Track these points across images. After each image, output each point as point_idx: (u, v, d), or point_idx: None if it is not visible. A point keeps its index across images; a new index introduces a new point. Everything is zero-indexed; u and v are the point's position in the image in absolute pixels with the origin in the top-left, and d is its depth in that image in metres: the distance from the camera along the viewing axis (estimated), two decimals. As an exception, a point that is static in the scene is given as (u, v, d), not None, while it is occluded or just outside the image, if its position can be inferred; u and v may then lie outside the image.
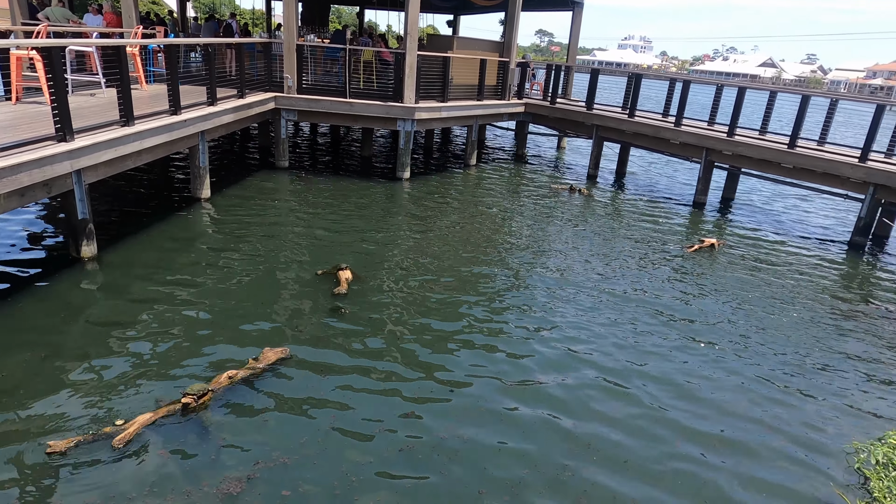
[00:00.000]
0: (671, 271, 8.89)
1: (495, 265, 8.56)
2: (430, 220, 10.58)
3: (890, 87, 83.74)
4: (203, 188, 10.44)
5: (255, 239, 8.80)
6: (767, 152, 11.97)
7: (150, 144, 8.31)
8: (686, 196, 14.13)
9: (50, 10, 12.20)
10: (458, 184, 13.62)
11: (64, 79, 6.91)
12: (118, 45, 8.09)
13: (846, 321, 7.71)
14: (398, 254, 8.75)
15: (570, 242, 9.90)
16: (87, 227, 7.40)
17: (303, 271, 7.77)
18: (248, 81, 11.96)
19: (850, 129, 18.78)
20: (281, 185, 12.14)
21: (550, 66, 17.44)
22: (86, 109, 8.70)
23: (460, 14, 23.99)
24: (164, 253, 7.99)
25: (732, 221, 12.32)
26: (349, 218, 10.24)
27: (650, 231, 10.93)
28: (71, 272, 7.12)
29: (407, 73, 12.70)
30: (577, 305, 7.41)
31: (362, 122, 13.39)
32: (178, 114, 9.07)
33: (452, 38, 16.96)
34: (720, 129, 13.34)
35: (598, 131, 15.27)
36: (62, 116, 6.69)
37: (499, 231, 10.24)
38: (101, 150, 7.24)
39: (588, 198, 13.16)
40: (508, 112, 16.30)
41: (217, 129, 10.65)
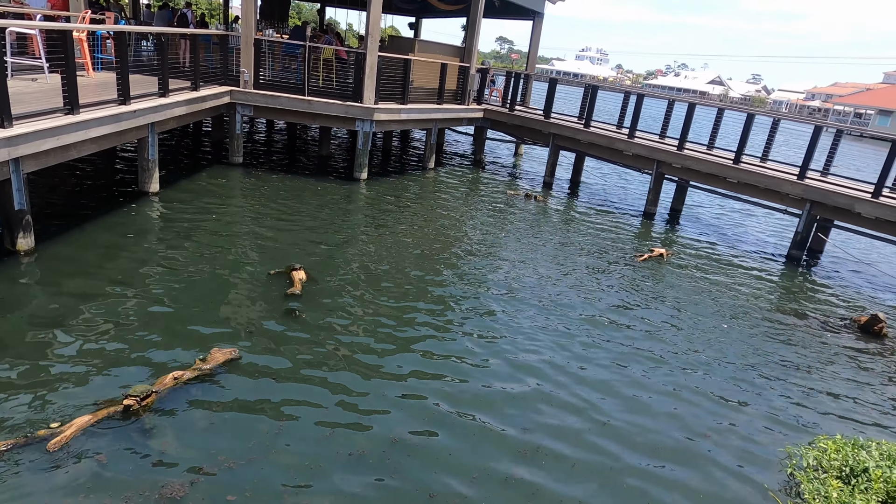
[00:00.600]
0: (621, 280, 9.13)
1: (449, 270, 8.59)
2: (387, 222, 10.54)
3: (827, 109, 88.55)
4: (151, 182, 10.08)
5: (205, 236, 8.55)
6: (714, 167, 12.46)
7: (95, 134, 7.96)
8: (637, 206, 14.55)
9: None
10: (416, 186, 13.61)
11: (3, 61, 6.55)
12: (63, 28, 7.73)
13: (782, 332, 8.09)
14: (353, 255, 8.67)
15: (523, 249, 10.04)
16: (25, 218, 7.03)
17: (255, 271, 7.59)
18: (203, 74, 11.64)
19: (791, 148, 19.75)
20: (234, 181, 11.85)
21: (510, 73, 17.67)
22: (27, 95, 8.27)
23: (422, 17, 24.02)
24: (108, 248, 7.67)
25: (680, 232, 12.76)
26: (304, 218, 10.09)
27: (602, 239, 11.19)
28: (4, 266, 6.75)
29: (367, 74, 12.62)
30: (526, 312, 7.51)
31: (320, 120, 13.22)
32: (126, 104, 8.74)
33: (414, 40, 16.97)
34: (671, 142, 13.80)
35: (554, 140, 15.55)
36: (0, 102, 6.35)
37: (454, 235, 10.28)
38: (41, 139, 6.90)
39: (543, 205, 13.37)
40: (468, 117, 16.41)
41: (168, 122, 10.31)
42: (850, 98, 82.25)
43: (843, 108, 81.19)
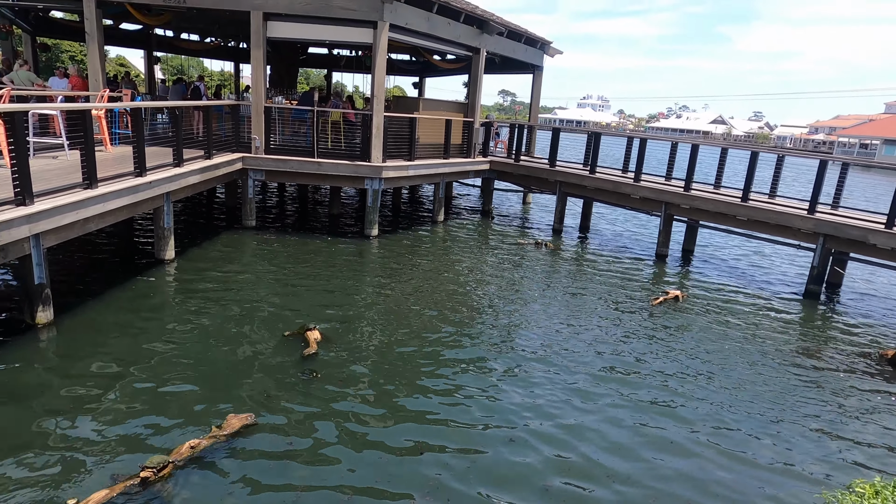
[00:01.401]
0: (637, 327, 9.01)
1: (464, 324, 8.56)
2: (399, 278, 10.59)
3: (832, 142, 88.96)
4: (167, 249, 10.28)
5: (220, 301, 8.64)
6: (722, 206, 12.47)
7: (113, 206, 8.20)
8: (648, 249, 14.51)
9: (15, 73, 12.19)
10: (427, 240, 13.73)
11: (25, 142, 6.84)
12: (82, 108, 8.09)
13: (808, 374, 7.88)
14: (367, 313, 8.68)
15: (537, 299, 10.00)
16: (44, 292, 7.17)
17: (270, 333, 7.62)
18: (216, 143, 12.03)
19: (799, 183, 19.82)
20: (247, 245, 12.04)
21: (514, 125, 18.06)
22: (48, 172, 8.58)
23: (425, 76, 24.80)
24: (125, 318, 7.76)
25: (694, 272, 12.66)
26: (317, 277, 10.18)
27: (615, 284, 11.13)
28: (24, 340, 6.83)
29: (374, 134, 12.97)
30: (542, 371, 7.36)
31: (330, 181, 13.52)
32: (143, 175, 9.02)
33: (418, 99, 17.47)
34: (677, 183, 13.88)
35: (561, 187, 15.72)
36: (22, 180, 6.59)
37: (467, 288, 10.29)
38: (62, 214, 7.11)
39: (554, 252, 13.39)
40: (474, 169, 16.69)
41: (183, 190, 10.60)
42: (854, 130, 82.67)
43: (847, 140, 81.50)
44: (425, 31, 13.92)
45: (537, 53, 19.19)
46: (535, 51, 18.97)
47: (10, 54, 14.54)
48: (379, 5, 12.28)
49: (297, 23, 12.69)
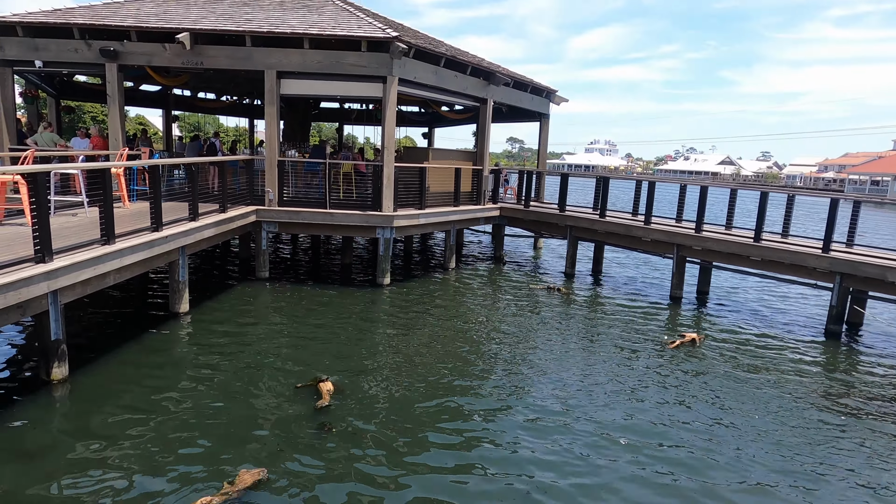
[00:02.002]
0: (656, 371, 8.85)
1: (478, 374, 8.46)
2: (412, 327, 10.55)
3: (842, 179, 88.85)
4: (182, 303, 10.36)
5: (234, 354, 8.64)
6: (735, 246, 12.41)
7: (130, 261, 8.33)
8: (662, 291, 14.39)
9: (38, 135, 12.65)
10: (439, 288, 13.73)
11: (47, 202, 7.03)
12: (101, 167, 8.34)
13: (837, 423, 7.63)
14: (380, 364, 8.62)
15: (551, 346, 9.89)
16: (60, 348, 7.22)
17: (283, 385, 7.57)
18: (231, 196, 12.28)
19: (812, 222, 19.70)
20: (261, 296, 12.12)
21: (522, 171, 18.30)
22: (67, 229, 8.78)
23: (434, 126, 25.36)
24: (139, 372, 7.77)
25: (710, 314, 12.49)
26: (330, 328, 10.17)
27: (631, 328, 11.00)
28: (39, 397, 6.84)
29: (385, 184, 13.19)
30: (562, 417, 7.21)
31: (342, 231, 13.68)
32: (159, 230, 9.19)
33: (428, 149, 17.84)
34: (688, 225, 13.87)
35: (571, 232, 15.77)
36: (42, 238, 6.74)
37: (481, 336, 10.22)
38: (80, 270, 7.23)
39: (567, 297, 13.32)
40: (484, 216, 16.83)
41: (198, 244, 10.77)
42: (864, 167, 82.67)
43: (858, 178, 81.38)
44: (433, 84, 14.32)
45: (543, 102, 19.61)
46: (541, 99, 19.40)
47: (35, 117, 15.13)
48: (388, 61, 12.70)
49: (310, 80, 13.13)
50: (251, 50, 12.73)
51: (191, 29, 12.35)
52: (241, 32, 12.52)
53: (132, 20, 12.87)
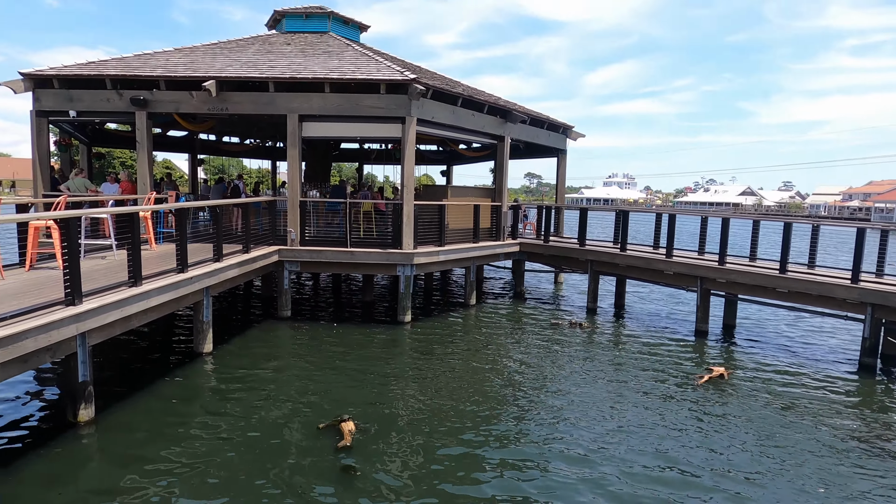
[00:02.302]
0: (685, 409, 8.63)
1: (501, 413, 8.34)
2: (434, 365, 10.48)
3: (867, 208, 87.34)
4: (206, 342, 10.47)
5: (256, 394, 8.65)
6: (760, 278, 12.20)
7: (156, 303, 8.48)
8: (687, 325, 14.13)
9: (70, 181, 13.10)
10: (460, 325, 13.68)
11: (78, 246, 7.24)
12: (130, 211, 8.58)
13: (876, 462, 7.35)
14: (402, 403, 8.56)
15: (577, 383, 9.73)
16: (87, 389, 7.32)
17: (305, 426, 7.54)
18: (254, 236, 12.50)
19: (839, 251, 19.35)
20: (283, 335, 12.18)
21: (541, 206, 18.36)
22: (96, 272, 9.00)
23: (453, 164, 25.68)
24: (163, 414, 7.81)
25: (738, 348, 12.21)
26: (352, 366, 10.16)
27: (656, 364, 10.79)
28: (65, 439, 6.90)
29: (405, 221, 13.33)
30: (590, 462, 7.01)
31: (363, 269, 13.79)
32: (184, 271, 9.37)
33: (446, 187, 18.03)
34: (711, 257, 13.71)
35: (592, 266, 15.67)
36: (72, 281, 6.91)
37: (503, 373, 10.11)
38: (107, 312, 7.38)
39: (589, 332, 13.15)
40: (504, 252, 16.84)
41: (222, 284, 10.93)
42: (890, 195, 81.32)
43: (885, 206, 79.93)
44: (451, 123, 14.59)
45: (560, 138, 19.79)
46: (557, 135, 19.59)
47: (68, 164, 15.69)
48: (406, 102, 13.00)
49: (330, 122, 13.48)
50: (274, 95, 13.15)
51: (216, 77, 12.83)
52: (264, 79, 12.96)
53: (161, 70, 13.42)
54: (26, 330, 6.07)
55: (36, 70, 13.26)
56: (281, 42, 16.71)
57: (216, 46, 16.41)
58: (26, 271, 9.36)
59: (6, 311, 6.28)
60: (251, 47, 16.13)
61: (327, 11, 17.97)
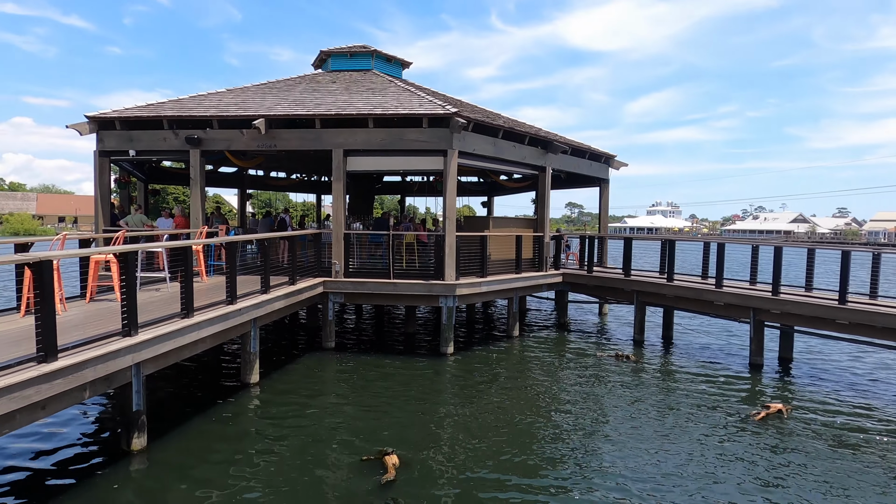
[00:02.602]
0: (741, 448, 8.23)
1: (547, 448, 8.14)
2: (477, 397, 10.36)
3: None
4: (253, 373, 10.65)
5: (301, 425, 8.71)
6: (818, 309, 11.66)
7: (206, 334, 8.71)
8: (740, 358, 13.58)
9: (129, 217, 13.74)
10: (502, 357, 13.51)
11: (135, 279, 7.54)
12: (183, 246, 8.91)
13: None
14: (446, 436, 8.45)
15: (624, 417, 9.42)
16: (140, 418, 7.51)
17: (349, 457, 7.52)
18: (299, 268, 12.76)
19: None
20: (327, 366, 12.29)
21: (584, 236, 18.16)
22: (150, 304, 9.33)
23: (494, 195, 25.77)
24: (211, 443, 7.94)
25: (796, 383, 11.62)
26: (395, 398, 10.13)
27: (708, 398, 10.36)
28: (118, 468, 7.08)
29: (447, 253, 13.38)
30: (639, 496, 6.82)
31: (406, 300, 13.86)
32: (233, 303, 9.61)
33: (488, 218, 18.09)
34: (763, 287, 13.21)
35: (638, 296, 15.32)
36: (129, 313, 7.18)
37: (548, 407, 9.89)
38: (161, 342, 7.61)
39: (636, 365, 12.78)
40: (546, 283, 16.66)
41: (269, 316, 11.15)
42: (956, 220, 76.98)
43: (950, 232, 75.71)
44: (492, 155, 14.69)
45: (602, 167, 19.65)
46: (599, 165, 19.46)
47: (127, 200, 16.48)
48: (448, 135, 13.20)
49: (374, 156, 13.78)
50: (320, 131, 13.56)
51: (266, 115, 13.34)
52: (310, 116, 13.41)
53: (214, 110, 14.05)
54: (86, 360, 6.32)
55: (100, 113, 14.10)
56: (327, 80, 17.31)
57: (265, 86, 17.12)
58: (87, 303, 9.79)
59: (67, 341, 6.55)
60: (298, 86, 16.75)
61: (370, 50, 18.56)
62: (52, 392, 5.89)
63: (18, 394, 5.49)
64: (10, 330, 7.61)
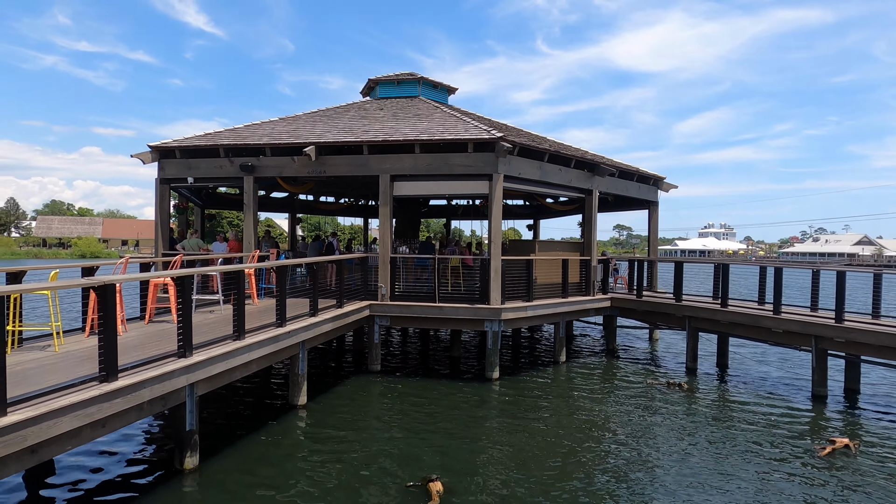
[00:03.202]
0: (806, 487, 7.78)
1: (595, 479, 7.90)
2: (522, 424, 10.18)
3: None
4: (300, 395, 10.81)
5: (347, 449, 8.76)
6: (887, 338, 10.99)
7: (257, 356, 8.92)
8: (802, 389, 12.89)
9: (186, 241, 14.33)
10: (549, 382, 13.27)
11: (190, 302, 7.82)
12: (236, 269, 9.20)
13: None
14: (491, 463, 8.33)
15: (676, 448, 9.06)
16: (193, 438, 7.72)
17: (393, 483, 7.50)
18: (346, 291, 12.96)
19: (981, 307, 17.07)
20: (373, 389, 12.35)
21: (633, 260, 17.79)
22: (204, 326, 9.65)
23: (539, 218, 25.63)
24: (260, 466, 8.07)
25: (864, 416, 10.94)
26: (440, 423, 10.08)
27: (767, 431, 9.86)
28: (173, 486, 7.27)
29: (493, 277, 13.34)
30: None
31: (451, 324, 13.85)
32: (283, 326, 9.82)
33: (534, 241, 17.98)
34: (826, 314, 12.57)
35: (690, 322, 14.83)
36: (185, 334, 7.44)
37: (596, 435, 9.62)
38: (214, 364, 7.84)
39: (689, 394, 12.31)
40: (594, 307, 16.35)
41: (317, 338, 11.34)
42: None
43: None
44: (538, 179, 14.65)
45: (651, 189, 19.29)
46: (648, 187, 19.11)
47: (185, 225, 17.21)
48: (493, 160, 13.26)
49: (420, 181, 13.96)
50: (368, 157, 13.86)
51: (316, 142, 13.75)
52: (359, 143, 13.74)
53: (267, 138, 14.59)
54: (143, 380, 6.56)
55: (161, 143, 14.85)
56: (374, 108, 17.74)
57: (316, 114, 17.68)
58: (146, 324, 10.21)
59: (127, 362, 6.84)
60: (347, 113, 17.23)
61: (417, 77, 18.95)
62: (112, 410, 6.14)
63: (82, 411, 5.74)
64: (77, 349, 8.00)
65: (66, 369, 6.80)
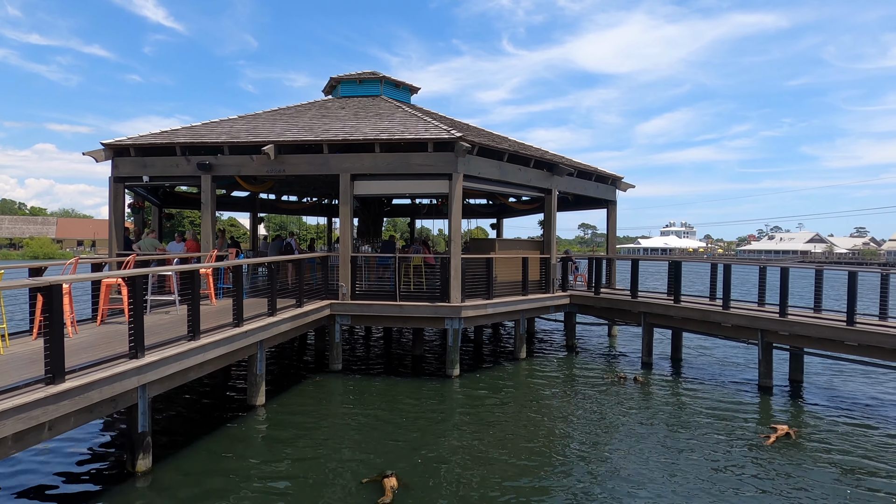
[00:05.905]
0: (752, 473, 8.14)
1: (553, 472, 8.11)
2: (482, 420, 10.36)
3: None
4: (258, 395, 10.75)
5: (304, 447, 8.77)
6: (826, 331, 11.56)
7: (212, 356, 8.85)
8: (749, 380, 13.43)
9: (141, 241, 14.05)
10: (509, 379, 13.49)
11: (143, 302, 7.73)
12: (190, 269, 9.11)
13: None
14: (449, 458, 8.46)
15: (633, 440, 9.36)
16: (146, 440, 7.63)
17: (349, 480, 7.56)
18: (307, 291, 12.93)
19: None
20: (333, 388, 12.36)
21: (592, 258, 18.18)
22: (159, 326, 9.52)
23: (502, 217, 25.91)
24: (215, 465, 8.02)
25: (808, 406, 11.47)
26: (399, 420, 10.17)
27: (717, 421, 10.27)
28: (124, 489, 7.18)
29: (453, 275, 13.49)
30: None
31: (412, 322, 13.94)
32: (240, 326, 9.76)
33: (494, 240, 18.19)
34: (772, 309, 13.12)
35: (646, 318, 15.26)
36: (136, 335, 7.35)
37: (555, 429, 9.86)
38: (167, 364, 7.76)
39: (645, 387, 12.69)
40: (554, 304, 16.66)
41: (276, 338, 11.29)
42: (977, 239, 75.63)
43: (972, 251, 74.34)
44: (497, 178, 14.85)
45: (609, 189, 19.74)
46: (606, 186, 19.55)
47: (141, 224, 16.86)
48: (453, 160, 13.40)
49: (381, 180, 14.01)
50: (328, 156, 13.84)
51: (275, 141, 13.66)
52: (318, 142, 13.71)
53: (225, 136, 14.42)
54: (92, 382, 6.47)
55: (115, 140, 14.52)
56: (336, 106, 17.69)
57: (276, 113, 17.53)
58: (98, 326, 10.01)
59: (75, 363, 6.73)
60: (308, 112, 17.13)
61: (379, 76, 18.96)
62: (58, 413, 6.04)
63: (26, 414, 5.64)
64: (23, 351, 7.82)
65: (10, 372, 6.65)
